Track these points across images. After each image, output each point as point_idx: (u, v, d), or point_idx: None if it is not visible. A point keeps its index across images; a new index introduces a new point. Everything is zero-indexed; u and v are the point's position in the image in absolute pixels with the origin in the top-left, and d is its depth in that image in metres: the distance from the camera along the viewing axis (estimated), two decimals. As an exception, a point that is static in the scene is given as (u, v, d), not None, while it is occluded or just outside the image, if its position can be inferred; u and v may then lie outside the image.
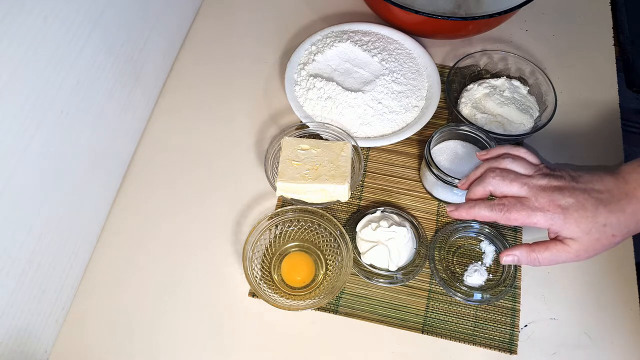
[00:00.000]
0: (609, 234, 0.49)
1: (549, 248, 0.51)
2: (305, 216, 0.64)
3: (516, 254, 0.53)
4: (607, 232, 0.49)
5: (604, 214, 0.49)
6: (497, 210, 0.51)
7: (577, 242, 0.50)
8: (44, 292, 0.57)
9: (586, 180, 0.51)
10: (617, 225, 0.49)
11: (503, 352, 0.59)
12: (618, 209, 0.49)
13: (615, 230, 0.49)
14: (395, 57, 0.76)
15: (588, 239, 0.49)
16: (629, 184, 0.50)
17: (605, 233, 0.49)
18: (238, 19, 0.86)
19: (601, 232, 0.49)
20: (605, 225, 0.49)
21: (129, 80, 0.68)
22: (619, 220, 0.49)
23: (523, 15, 0.85)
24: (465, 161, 0.67)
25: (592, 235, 0.49)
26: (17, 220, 0.50)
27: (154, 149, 0.73)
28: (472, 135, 0.67)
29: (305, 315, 0.62)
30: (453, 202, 0.68)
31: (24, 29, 0.47)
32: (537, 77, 0.73)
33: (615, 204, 0.49)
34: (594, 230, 0.49)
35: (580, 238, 0.49)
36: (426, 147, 0.65)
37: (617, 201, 0.49)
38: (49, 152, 0.54)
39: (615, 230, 0.49)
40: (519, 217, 0.50)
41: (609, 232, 0.49)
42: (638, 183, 0.49)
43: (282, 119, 0.76)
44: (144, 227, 0.67)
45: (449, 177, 0.63)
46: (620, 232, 0.49)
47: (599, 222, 0.49)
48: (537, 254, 0.51)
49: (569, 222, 0.49)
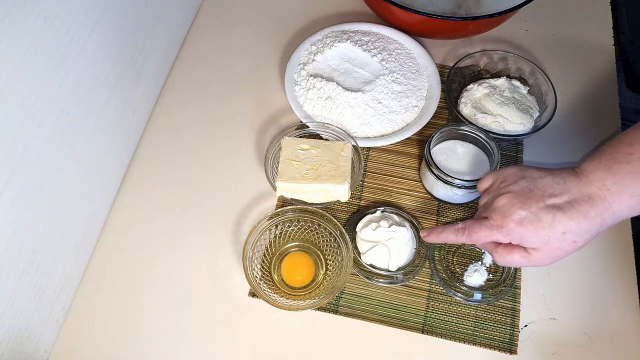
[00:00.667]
0: (570, 241, 0.48)
1: (512, 253, 0.51)
2: (305, 216, 0.64)
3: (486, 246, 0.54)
4: (568, 239, 0.48)
5: (563, 222, 0.47)
6: (461, 234, 0.53)
7: (538, 252, 0.49)
8: (44, 292, 0.57)
9: (545, 185, 0.49)
10: (578, 232, 0.47)
11: (503, 352, 0.59)
12: (579, 214, 0.47)
13: (576, 237, 0.48)
14: (395, 57, 0.76)
15: (548, 248, 0.48)
16: (592, 184, 0.48)
17: (565, 241, 0.48)
18: (238, 19, 0.86)
19: (561, 241, 0.48)
20: (565, 232, 0.47)
21: (129, 80, 0.68)
22: (580, 226, 0.47)
23: (523, 15, 0.85)
24: (466, 161, 0.67)
25: (552, 244, 0.48)
26: (17, 220, 0.50)
27: (154, 149, 0.73)
28: (472, 135, 0.67)
29: (305, 315, 0.62)
30: (453, 202, 0.68)
31: (24, 29, 0.47)
32: (537, 77, 0.73)
33: (575, 209, 0.47)
34: (552, 239, 0.48)
35: (540, 248, 0.49)
36: (426, 147, 0.65)
37: (579, 206, 0.47)
38: (49, 152, 0.54)
39: (576, 236, 0.48)
40: (480, 237, 0.51)
41: (570, 239, 0.48)
42: (602, 183, 0.47)
43: (282, 119, 0.76)
44: (144, 227, 0.67)
45: (449, 177, 0.63)
46: (581, 237, 0.48)
47: (558, 231, 0.47)
48: (499, 255, 0.52)
49: (525, 235, 0.48)
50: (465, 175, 0.65)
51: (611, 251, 0.65)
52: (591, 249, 0.65)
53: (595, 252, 0.65)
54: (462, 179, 0.63)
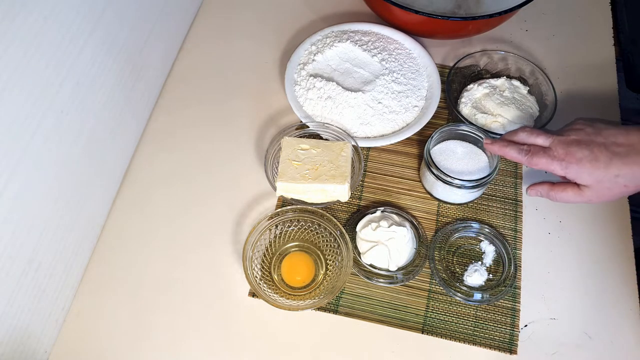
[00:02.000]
0: (621, 184, 0.53)
1: (566, 190, 0.57)
2: (305, 216, 0.64)
3: (539, 189, 0.60)
4: (619, 182, 0.53)
5: (618, 166, 0.53)
6: (524, 154, 0.58)
7: (589, 189, 0.55)
8: (44, 292, 0.57)
9: (608, 133, 0.54)
10: (631, 177, 0.53)
11: (503, 352, 0.59)
12: (633, 162, 0.52)
13: (628, 181, 0.53)
14: (395, 57, 0.76)
15: (600, 187, 0.54)
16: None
17: (617, 183, 0.53)
18: (238, 19, 0.86)
19: (613, 182, 0.53)
20: (618, 176, 0.53)
21: (129, 80, 0.68)
22: (633, 172, 0.52)
23: (523, 15, 0.85)
24: (465, 161, 0.67)
25: (604, 184, 0.54)
26: (17, 220, 0.50)
27: (154, 149, 0.73)
28: (471, 135, 0.67)
29: (305, 315, 0.62)
30: (453, 202, 0.68)
31: (24, 29, 0.47)
32: (537, 77, 0.73)
33: (632, 157, 0.52)
34: (605, 180, 0.53)
35: (592, 186, 0.55)
36: (426, 147, 0.65)
37: (635, 155, 0.52)
38: (49, 152, 0.54)
39: (628, 181, 0.53)
40: (540, 163, 0.56)
41: (621, 183, 0.53)
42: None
43: (282, 119, 0.76)
44: (144, 226, 0.67)
45: (449, 177, 0.63)
46: (633, 183, 0.53)
47: (611, 173, 0.53)
48: (555, 192, 0.58)
49: (582, 172, 0.54)
50: (464, 175, 0.65)
51: (611, 251, 0.65)
52: (591, 248, 0.65)
53: (596, 252, 0.65)
54: (462, 179, 0.63)
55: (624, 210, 0.68)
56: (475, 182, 0.63)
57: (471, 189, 0.64)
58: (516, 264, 0.64)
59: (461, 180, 0.63)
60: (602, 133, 0.55)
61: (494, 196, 0.69)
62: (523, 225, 0.67)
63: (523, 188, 0.69)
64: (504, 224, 0.67)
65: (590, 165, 0.54)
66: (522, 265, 0.64)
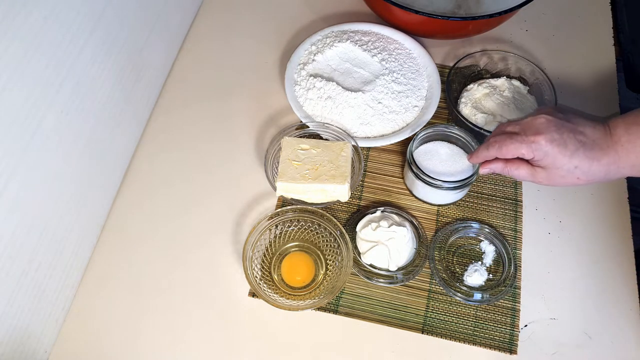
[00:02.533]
0: (575, 176, 0.54)
1: (520, 167, 0.57)
2: (305, 216, 0.64)
3: (492, 166, 0.59)
4: (575, 173, 0.54)
5: (580, 157, 0.53)
6: (492, 147, 0.57)
7: (544, 171, 0.55)
8: (44, 292, 0.57)
9: (579, 122, 0.55)
10: (587, 171, 0.53)
11: (503, 352, 0.59)
12: (594, 157, 0.53)
13: (582, 175, 0.54)
14: (395, 57, 0.76)
15: (555, 173, 0.54)
16: (612, 137, 0.53)
17: (572, 173, 0.54)
18: (238, 19, 0.86)
19: (570, 172, 0.54)
20: (577, 167, 0.53)
21: (129, 80, 0.68)
22: (591, 167, 0.53)
23: (523, 15, 0.85)
24: (449, 163, 0.66)
25: (560, 172, 0.54)
26: (17, 220, 0.50)
27: (154, 149, 0.73)
28: (456, 137, 0.67)
29: (305, 315, 0.62)
30: (433, 203, 0.68)
31: (24, 29, 0.47)
32: (537, 77, 0.73)
33: (595, 151, 0.53)
34: (564, 168, 0.54)
35: (549, 169, 0.55)
36: (409, 147, 0.65)
37: (598, 150, 0.53)
38: (49, 152, 0.54)
39: (582, 174, 0.54)
40: (509, 150, 0.56)
41: (576, 174, 0.54)
42: (619, 138, 0.53)
43: (282, 119, 0.76)
44: (144, 226, 0.67)
45: (427, 177, 0.63)
46: (586, 177, 0.54)
47: (572, 163, 0.53)
48: (510, 168, 0.57)
49: (549, 154, 0.53)
50: (445, 176, 0.65)
51: (611, 251, 0.65)
52: (591, 248, 0.65)
53: (596, 252, 0.65)
54: (441, 180, 0.63)
55: (624, 210, 0.68)
56: (453, 184, 0.63)
57: (450, 190, 0.64)
58: (516, 264, 0.64)
59: (438, 181, 0.63)
60: (571, 120, 0.55)
61: (494, 196, 0.69)
62: (523, 225, 0.67)
63: (523, 188, 0.69)
64: (504, 224, 0.67)
65: (558, 151, 0.53)
66: (522, 265, 0.64)
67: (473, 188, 0.70)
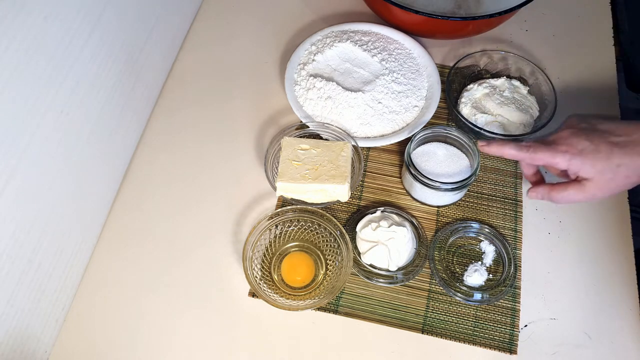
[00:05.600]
0: (623, 175, 0.53)
1: (567, 188, 0.56)
2: (305, 216, 0.64)
3: (540, 190, 0.59)
4: (621, 172, 0.53)
5: (619, 155, 0.52)
6: (525, 150, 0.56)
7: (592, 182, 0.54)
8: (44, 292, 0.57)
9: (607, 127, 0.54)
10: (632, 166, 0.52)
11: (503, 352, 0.59)
12: (634, 152, 0.52)
13: (630, 171, 0.53)
14: (395, 57, 0.76)
15: (602, 178, 0.53)
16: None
17: (619, 173, 0.53)
18: (238, 19, 0.86)
19: (615, 172, 0.53)
20: (620, 165, 0.52)
21: (129, 80, 0.68)
22: (634, 161, 0.52)
23: (523, 15, 0.85)
24: (446, 164, 0.66)
25: (606, 175, 0.53)
26: (17, 220, 0.50)
27: (154, 149, 0.73)
28: (454, 138, 0.67)
29: (305, 315, 0.62)
30: (431, 204, 0.68)
31: (24, 29, 0.47)
32: (537, 77, 0.73)
33: (631, 147, 0.52)
34: (607, 170, 0.53)
35: (594, 178, 0.54)
36: (406, 149, 0.65)
37: (635, 145, 0.52)
38: (49, 152, 0.54)
39: (629, 171, 0.52)
40: (544, 157, 0.56)
41: (623, 173, 0.53)
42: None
43: (282, 119, 0.76)
44: (144, 226, 0.67)
45: (425, 179, 0.63)
46: (634, 173, 0.53)
47: (613, 163, 0.52)
48: (557, 192, 0.57)
49: (585, 163, 0.53)
50: (443, 177, 0.65)
51: (611, 251, 0.65)
52: (591, 248, 0.65)
53: (596, 252, 0.65)
54: (439, 181, 0.63)
55: (624, 210, 0.68)
56: (451, 185, 0.63)
57: (447, 191, 0.64)
58: (516, 264, 0.64)
59: (437, 182, 0.63)
60: (597, 126, 0.55)
61: (494, 196, 0.69)
62: (523, 225, 0.67)
63: (523, 188, 0.69)
64: (504, 224, 0.67)
65: (593, 156, 0.53)
66: (522, 265, 0.64)
67: (473, 188, 0.70)
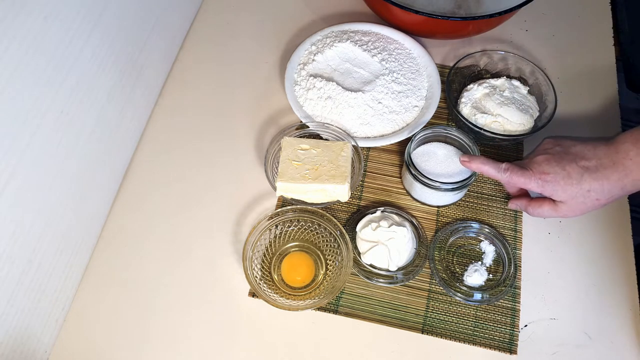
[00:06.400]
0: (593, 198, 0.56)
1: (542, 205, 0.60)
2: (305, 216, 0.64)
3: (518, 203, 0.64)
4: (592, 196, 0.56)
5: (588, 181, 0.56)
6: (503, 172, 0.60)
7: (564, 204, 0.58)
8: (44, 292, 0.57)
9: (578, 150, 0.57)
10: (601, 191, 0.56)
11: (503, 352, 0.59)
12: (603, 176, 0.55)
13: (599, 195, 0.56)
14: (395, 57, 0.76)
15: (574, 202, 0.57)
16: (619, 153, 0.55)
17: (589, 197, 0.56)
18: (238, 19, 0.86)
19: (585, 197, 0.56)
20: (590, 190, 0.56)
21: (129, 80, 0.68)
22: (603, 186, 0.55)
23: (523, 15, 0.85)
24: (446, 164, 0.66)
25: (577, 199, 0.57)
26: (17, 219, 0.50)
27: (154, 149, 0.73)
28: (454, 138, 0.67)
29: (305, 315, 0.62)
30: (430, 204, 0.68)
31: (24, 29, 0.47)
32: (537, 77, 0.73)
33: (600, 172, 0.55)
34: (578, 195, 0.56)
35: (567, 201, 0.57)
36: (407, 149, 0.65)
37: (603, 169, 0.55)
38: (49, 152, 0.54)
39: (599, 195, 0.56)
40: (518, 181, 0.59)
41: (593, 197, 0.56)
42: (627, 153, 0.54)
43: (282, 119, 0.76)
44: (144, 227, 0.67)
45: (426, 179, 0.63)
46: (603, 196, 0.56)
47: (584, 188, 0.56)
48: (533, 208, 0.61)
49: (557, 189, 0.57)
50: (443, 177, 0.65)
51: (611, 251, 0.65)
52: (591, 248, 0.65)
53: (596, 252, 0.65)
54: (439, 181, 0.63)
55: (624, 210, 0.68)
56: (451, 185, 0.63)
57: (447, 191, 0.64)
58: (516, 264, 0.64)
59: (437, 182, 0.63)
60: (570, 150, 0.58)
61: (494, 196, 0.69)
62: (523, 225, 0.67)
63: (523, 188, 0.69)
64: (504, 224, 0.67)
65: (564, 182, 0.56)
66: (522, 265, 0.64)
67: (473, 188, 0.70)
